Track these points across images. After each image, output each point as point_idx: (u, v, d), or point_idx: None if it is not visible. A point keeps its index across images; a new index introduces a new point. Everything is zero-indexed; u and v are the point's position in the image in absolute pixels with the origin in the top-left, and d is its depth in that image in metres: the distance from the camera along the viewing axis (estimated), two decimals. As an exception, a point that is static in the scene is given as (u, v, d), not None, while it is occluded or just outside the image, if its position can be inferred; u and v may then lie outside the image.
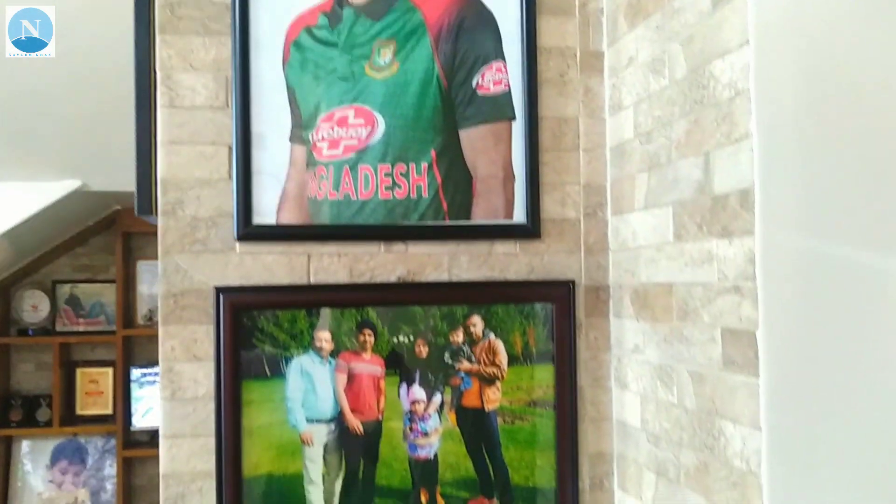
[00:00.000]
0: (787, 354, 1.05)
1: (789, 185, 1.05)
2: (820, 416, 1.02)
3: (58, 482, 3.86)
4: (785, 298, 1.05)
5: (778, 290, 1.05)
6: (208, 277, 1.38)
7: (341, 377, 1.42)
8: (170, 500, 1.37)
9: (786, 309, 1.05)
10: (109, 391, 3.92)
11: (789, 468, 1.05)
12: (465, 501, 1.45)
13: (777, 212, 1.06)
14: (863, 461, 0.99)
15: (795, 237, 1.04)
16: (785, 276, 1.05)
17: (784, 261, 1.05)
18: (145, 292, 3.99)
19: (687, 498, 1.24)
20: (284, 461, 1.40)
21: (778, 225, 1.05)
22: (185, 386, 1.38)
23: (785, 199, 1.05)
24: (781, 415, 1.06)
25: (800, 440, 1.04)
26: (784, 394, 1.05)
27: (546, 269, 1.49)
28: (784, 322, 1.05)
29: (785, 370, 1.05)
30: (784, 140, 1.05)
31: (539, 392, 1.47)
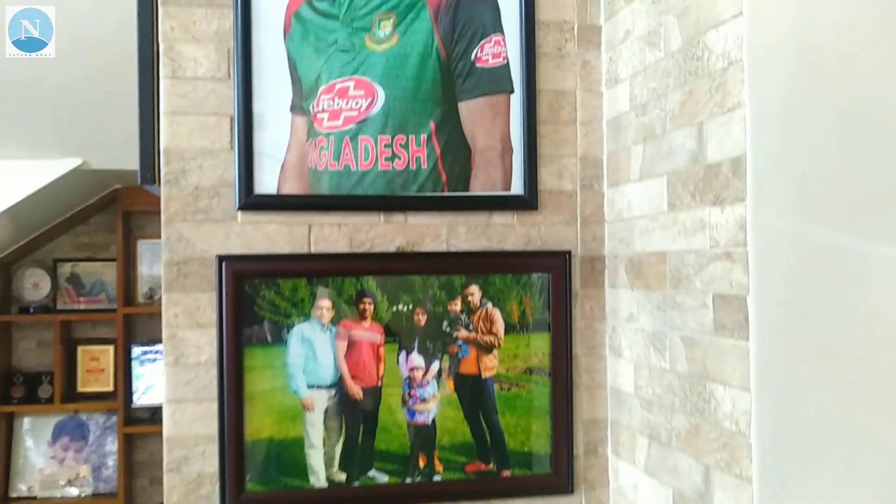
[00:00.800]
0: (777, 318, 1.08)
1: (780, 152, 1.07)
2: (808, 379, 1.05)
3: (59, 458, 3.90)
4: (775, 264, 1.08)
5: (768, 255, 1.08)
6: (211, 246, 1.41)
7: (341, 344, 1.45)
8: (173, 463, 1.41)
9: (776, 274, 1.08)
10: (110, 368, 3.95)
11: (777, 429, 1.08)
12: (462, 466, 1.48)
13: (768, 179, 1.08)
14: (849, 421, 1.02)
15: (786, 204, 1.07)
16: (775, 242, 1.08)
17: (775, 227, 1.08)
18: (145, 271, 4.01)
19: (678, 460, 1.28)
20: (286, 426, 1.43)
21: (769, 192, 1.08)
22: (188, 352, 1.41)
23: (776, 166, 1.08)
24: (770, 377, 1.09)
25: (788, 401, 1.07)
26: (773, 357, 1.08)
27: (543, 240, 1.52)
28: (774, 287, 1.08)
29: (774, 334, 1.08)
30: (775, 109, 1.08)
31: (535, 360, 1.51)
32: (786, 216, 1.07)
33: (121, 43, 1.86)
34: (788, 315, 1.07)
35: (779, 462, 1.08)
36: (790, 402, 1.07)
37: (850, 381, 1.03)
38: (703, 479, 1.21)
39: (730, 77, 1.13)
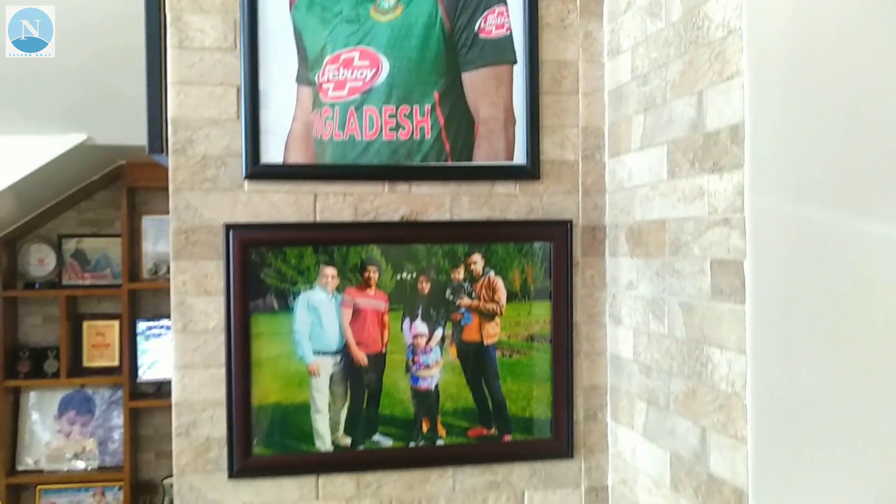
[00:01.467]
0: (773, 283, 1.11)
1: (779, 120, 1.10)
2: (803, 341, 1.08)
3: (65, 432, 3.95)
4: (772, 229, 1.11)
5: (765, 221, 1.11)
6: (218, 214, 1.44)
7: (346, 312, 1.48)
8: (182, 427, 1.44)
9: (773, 239, 1.11)
10: (116, 343, 3.99)
11: (772, 390, 1.11)
12: (464, 430, 1.52)
13: (766, 146, 1.11)
14: (843, 382, 1.06)
15: (784, 170, 1.10)
16: (773, 208, 1.10)
17: (772, 193, 1.10)
18: (150, 246, 4.04)
19: (676, 423, 1.31)
20: (292, 391, 1.47)
21: (767, 158, 1.11)
22: (196, 319, 1.44)
23: (774, 133, 1.10)
24: (766, 339, 1.12)
25: (783, 363, 1.11)
26: (769, 320, 1.11)
27: (545, 210, 1.55)
28: (771, 252, 1.11)
29: (770, 298, 1.11)
30: (774, 76, 1.10)
31: (536, 327, 1.54)
32: (783, 182, 1.09)
33: (126, 18, 1.88)
34: (784, 279, 1.10)
35: (773, 422, 1.11)
36: (785, 364, 1.10)
37: (844, 344, 1.06)
38: (700, 441, 1.24)
39: (729, 45, 1.15)
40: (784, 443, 1.11)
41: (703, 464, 1.24)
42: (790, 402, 1.10)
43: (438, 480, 1.51)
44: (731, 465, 1.17)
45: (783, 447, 1.11)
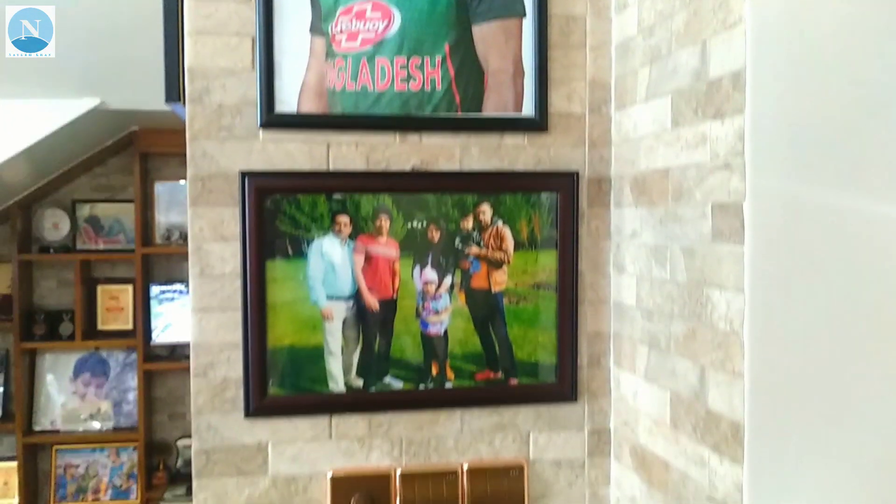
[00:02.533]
0: (771, 223, 1.15)
1: (779, 65, 1.13)
2: (800, 279, 1.12)
3: (80, 394, 4.05)
4: (771, 171, 1.15)
5: (764, 162, 1.15)
6: (234, 162, 1.49)
7: (359, 258, 1.54)
8: (199, 368, 1.51)
9: (772, 181, 1.15)
10: (130, 307, 4.08)
11: (769, 326, 1.16)
12: (472, 374, 1.58)
13: (766, 90, 1.15)
14: (840, 317, 1.10)
15: (783, 114, 1.14)
16: (771, 149, 1.14)
17: (771, 134, 1.14)
18: (163, 212, 4.11)
19: (676, 364, 1.37)
20: (306, 334, 1.52)
21: (767, 102, 1.15)
22: (212, 264, 1.50)
23: (774, 78, 1.14)
24: (763, 278, 1.16)
25: (780, 301, 1.15)
26: (766, 259, 1.16)
27: (552, 161, 1.59)
28: (770, 193, 1.15)
29: (768, 237, 1.15)
30: (775, 23, 1.14)
31: (542, 276, 1.59)
32: (783, 126, 1.13)
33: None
34: (783, 220, 1.14)
35: (770, 357, 1.16)
36: (782, 301, 1.15)
37: (841, 282, 1.10)
38: (699, 379, 1.29)
39: (732, -7, 1.19)
40: (780, 377, 1.16)
41: (701, 401, 1.29)
42: (787, 338, 1.15)
43: (447, 421, 1.57)
44: (728, 400, 1.22)
45: (779, 381, 1.16)
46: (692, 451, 1.31)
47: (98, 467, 4.02)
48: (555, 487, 1.60)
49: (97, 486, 4.01)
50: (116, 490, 4.01)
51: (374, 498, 1.53)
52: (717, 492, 1.25)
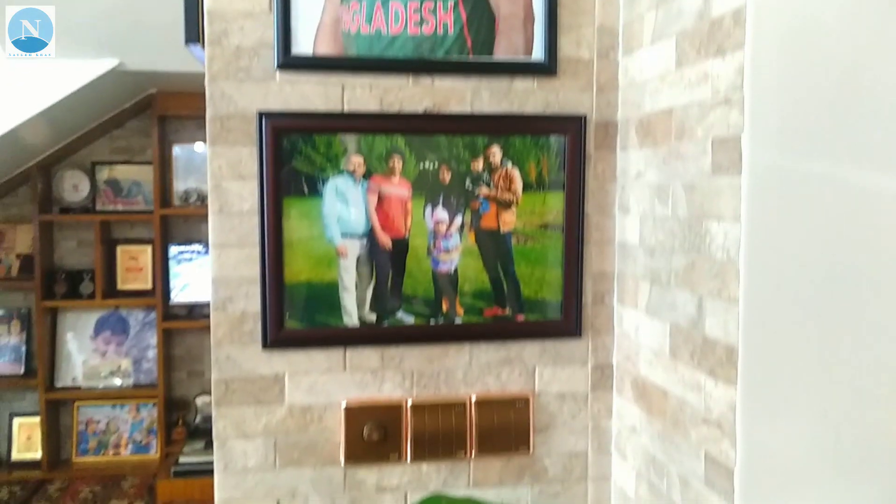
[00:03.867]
0: (768, 154, 1.20)
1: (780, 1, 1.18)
2: (795, 209, 1.18)
3: (101, 351, 4.17)
4: (769, 103, 1.20)
5: (763, 95, 1.20)
6: (251, 103, 1.55)
7: (372, 198, 1.60)
8: (219, 302, 1.58)
9: (770, 114, 1.20)
10: (148, 267, 4.17)
11: (765, 254, 1.22)
12: (481, 310, 1.64)
13: (766, 24, 1.19)
14: (833, 245, 1.16)
15: (782, 49, 1.18)
16: (770, 83, 1.19)
17: (770, 68, 1.19)
18: (181, 174, 4.19)
19: (676, 296, 1.43)
20: (321, 270, 1.60)
21: (767, 36, 1.19)
22: (231, 201, 1.57)
23: (774, 12, 1.18)
24: (760, 207, 1.22)
25: (775, 229, 1.21)
26: (763, 189, 1.21)
27: (560, 105, 1.64)
28: (767, 125, 1.20)
29: (764, 168, 1.21)
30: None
31: (550, 217, 1.65)
32: (782, 60, 1.18)
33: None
34: (779, 152, 1.19)
35: (764, 283, 1.22)
36: (777, 230, 1.21)
37: (837, 212, 1.16)
38: (697, 309, 1.36)
39: (734, -69, 1.23)
40: (774, 303, 1.21)
41: (699, 329, 1.35)
42: (782, 265, 1.21)
43: (456, 355, 1.64)
44: (723, 326, 1.28)
45: (773, 306, 1.22)
46: (689, 378, 1.38)
47: (118, 423, 4.15)
48: (559, 419, 1.68)
49: (118, 440, 4.14)
50: (137, 445, 4.13)
51: (385, 427, 1.61)
52: (711, 414, 1.31)
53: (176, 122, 4.15)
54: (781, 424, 1.22)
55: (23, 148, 3.83)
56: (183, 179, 4.21)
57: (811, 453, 1.22)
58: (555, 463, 1.68)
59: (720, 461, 1.29)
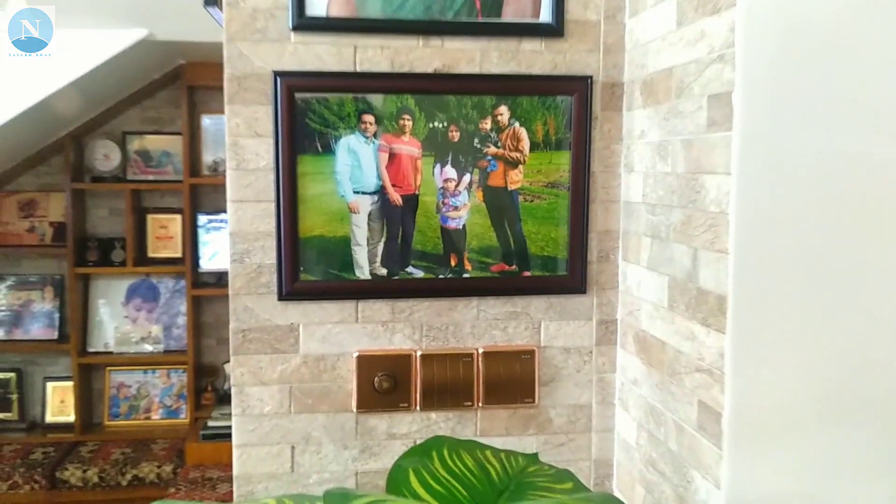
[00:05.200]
0: (759, 108, 1.27)
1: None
2: (785, 163, 1.25)
3: (132, 318, 4.34)
4: (760, 59, 1.26)
5: (754, 53, 1.27)
6: (267, 63, 1.65)
7: (383, 156, 1.70)
8: (237, 255, 1.69)
9: (761, 70, 1.26)
10: (178, 236, 4.33)
11: (755, 206, 1.29)
12: (488, 266, 1.74)
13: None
14: (822, 198, 1.23)
15: (773, 5, 1.25)
16: (761, 41, 1.26)
17: (761, 27, 1.26)
18: (209, 144, 4.32)
19: (673, 250, 1.50)
20: (334, 225, 1.70)
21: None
22: (248, 158, 1.67)
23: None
24: (751, 161, 1.29)
25: (765, 182, 1.28)
26: (753, 143, 1.28)
27: (568, 66, 1.72)
28: (757, 82, 1.27)
29: (755, 123, 1.28)
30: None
31: (556, 175, 1.73)
32: (773, 17, 1.24)
33: None
34: (770, 107, 1.26)
35: (754, 234, 1.29)
36: (767, 182, 1.27)
37: (824, 168, 1.23)
38: (692, 261, 1.43)
39: None
40: (764, 253, 1.29)
41: (693, 280, 1.43)
42: (772, 217, 1.28)
43: (464, 309, 1.74)
44: (715, 276, 1.35)
45: (763, 257, 1.29)
46: (684, 328, 1.46)
47: (149, 388, 4.33)
48: (563, 372, 1.77)
49: (149, 405, 4.32)
50: (167, 409, 4.32)
51: (396, 377, 1.71)
52: (703, 361, 1.39)
53: (205, 93, 4.28)
54: (770, 371, 1.30)
55: (55, 118, 4.00)
56: (212, 149, 4.34)
57: (798, 398, 1.30)
58: (560, 414, 1.77)
59: (711, 407, 1.37)
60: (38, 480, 3.84)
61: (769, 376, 1.30)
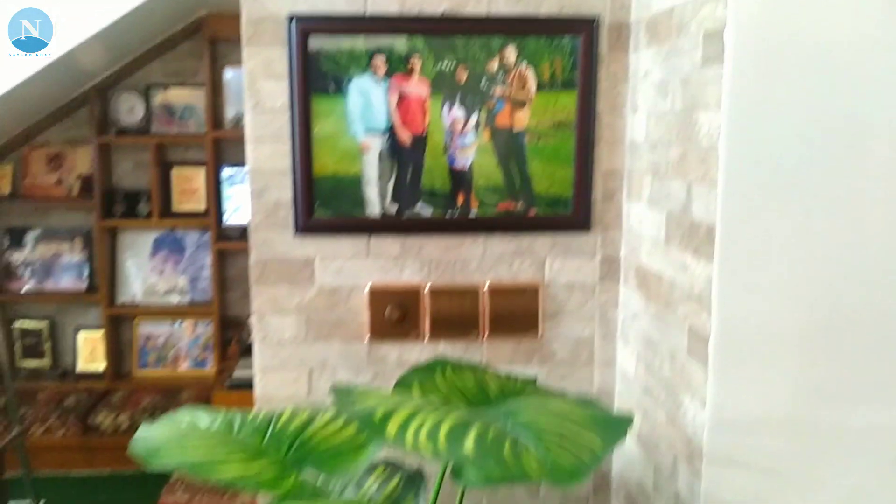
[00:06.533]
0: (749, 46, 1.36)
1: None
2: (774, 97, 1.34)
3: (158, 270, 4.53)
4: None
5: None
6: (281, 7, 1.77)
7: (393, 96, 1.81)
8: (256, 191, 1.83)
9: (751, 6, 1.35)
10: (202, 189, 4.48)
11: (744, 140, 1.38)
12: (494, 204, 1.85)
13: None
14: (808, 133, 1.33)
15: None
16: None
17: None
18: (232, 97, 4.45)
19: (671, 186, 1.60)
20: (346, 164, 1.82)
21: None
22: (264, 99, 1.80)
23: None
24: (741, 96, 1.38)
25: (754, 117, 1.37)
26: (744, 79, 1.37)
27: (575, 7, 1.81)
28: (748, 18, 1.36)
29: (746, 59, 1.36)
30: None
31: (562, 115, 1.83)
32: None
33: None
34: (762, 44, 1.35)
35: (742, 166, 1.39)
36: (756, 117, 1.37)
37: (812, 103, 1.32)
38: (686, 195, 1.53)
39: None
40: (752, 185, 1.38)
41: (687, 213, 1.53)
42: (759, 150, 1.38)
43: (471, 246, 1.86)
44: (706, 208, 1.46)
45: (751, 188, 1.39)
46: (678, 259, 1.56)
47: (176, 339, 4.53)
48: (567, 307, 1.89)
49: (176, 356, 4.53)
50: (194, 360, 4.52)
51: (406, 309, 1.85)
52: (694, 289, 1.50)
53: (226, 46, 4.40)
54: (755, 296, 1.41)
55: (79, 70, 4.15)
56: (234, 103, 4.47)
57: (782, 324, 1.41)
58: (562, 347, 1.90)
59: (700, 332, 1.48)
60: (71, 425, 4.08)
61: (754, 302, 1.41)
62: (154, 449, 1.28)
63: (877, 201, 1.37)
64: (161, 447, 1.29)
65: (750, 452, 1.44)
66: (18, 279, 4.50)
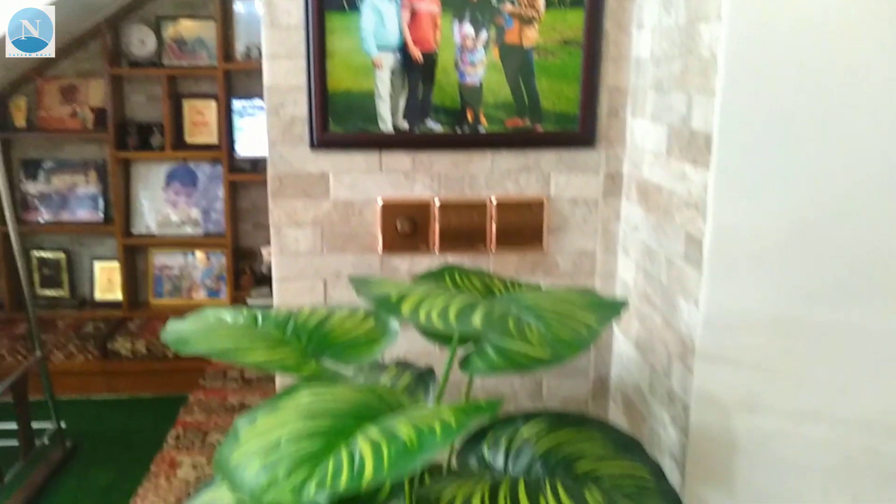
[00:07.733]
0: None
1: None
2: (775, 7, 1.40)
3: (172, 202, 4.64)
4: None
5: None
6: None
7: (405, 13, 1.87)
8: (272, 107, 1.91)
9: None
10: (214, 122, 4.56)
11: (742, 49, 1.45)
12: (502, 120, 1.93)
13: None
14: (810, 44, 1.39)
15: None
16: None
17: None
18: (242, 29, 4.50)
19: (672, 100, 1.68)
20: (360, 80, 1.90)
21: None
22: (279, 16, 1.87)
23: None
24: (740, 7, 1.44)
25: (754, 27, 1.44)
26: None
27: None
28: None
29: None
30: None
31: (570, 33, 1.90)
32: None
33: None
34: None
35: (740, 76, 1.46)
36: (755, 27, 1.44)
37: (816, 15, 1.39)
38: (687, 107, 1.61)
39: None
40: (750, 95, 1.46)
41: (687, 125, 1.60)
42: (757, 60, 1.44)
43: (480, 161, 1.94)
44: (704, 117, 1.53)
45: (749, 99, 1.46)
46: (677, 169, 1.65)
47: (190, 269, 4.66)
48: (571, 221, 1.98)
49: (190, 285, 4.66)
50: (208, 289, 4.65)
51: (416, 222, 1.94)
52: (691, 197, 1.58)
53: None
54: (748, 202, 1.49)
55: (91, 2, 4.19)
56: (244, 36, 4.52)
57: (774, 228, 1.50)
58: (566, 260, 1.99)
59: (696, 238, 1.57)
60: (90, 351, 4.23)
61: (748, 207, 1.50)
62: (184, 338, 1.38)
63: (870, 112, 1.44)
64: (190, 337, 1.39)
65: (740, 350, 1.55)
66: (34, 210, 4.61)
